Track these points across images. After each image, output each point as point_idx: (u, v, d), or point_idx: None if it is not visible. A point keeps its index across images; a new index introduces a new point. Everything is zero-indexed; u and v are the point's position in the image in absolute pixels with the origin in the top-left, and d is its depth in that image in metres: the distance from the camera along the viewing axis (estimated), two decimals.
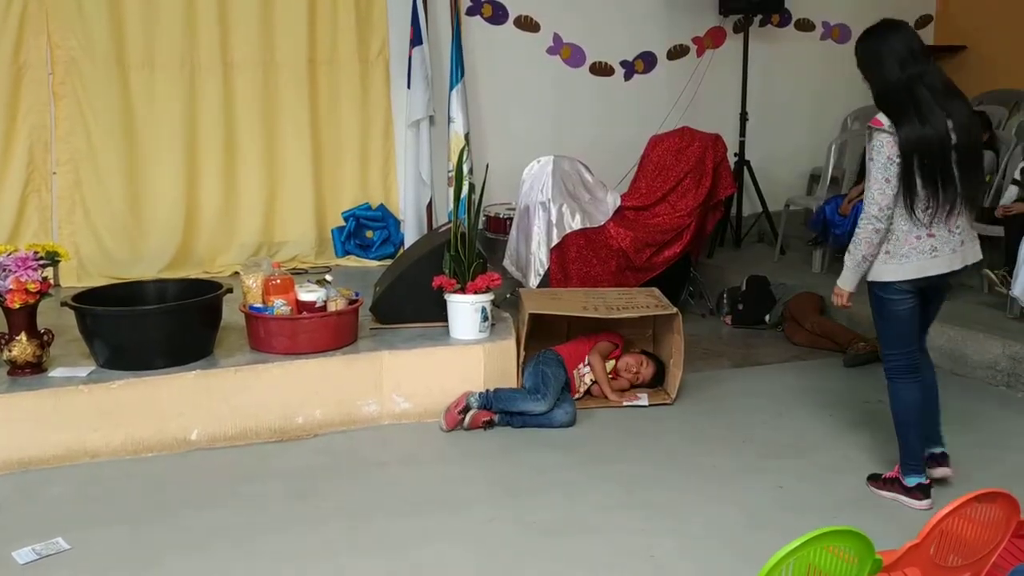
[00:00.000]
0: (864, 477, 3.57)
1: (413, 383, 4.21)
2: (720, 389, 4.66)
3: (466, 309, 4.31)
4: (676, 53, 7.34)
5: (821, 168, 6.96)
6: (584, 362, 4.45)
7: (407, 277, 4.52)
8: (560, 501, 3.46)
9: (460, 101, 6.28)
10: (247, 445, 3.96)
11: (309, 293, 4.18)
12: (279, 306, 4.12)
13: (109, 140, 5.73)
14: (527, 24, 6.87)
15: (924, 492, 3.35)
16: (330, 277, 4.40)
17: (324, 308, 4.16)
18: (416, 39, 6.23)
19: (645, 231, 5.56)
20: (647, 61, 7.28)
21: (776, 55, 7.53)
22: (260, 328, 4.13)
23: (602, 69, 7.15)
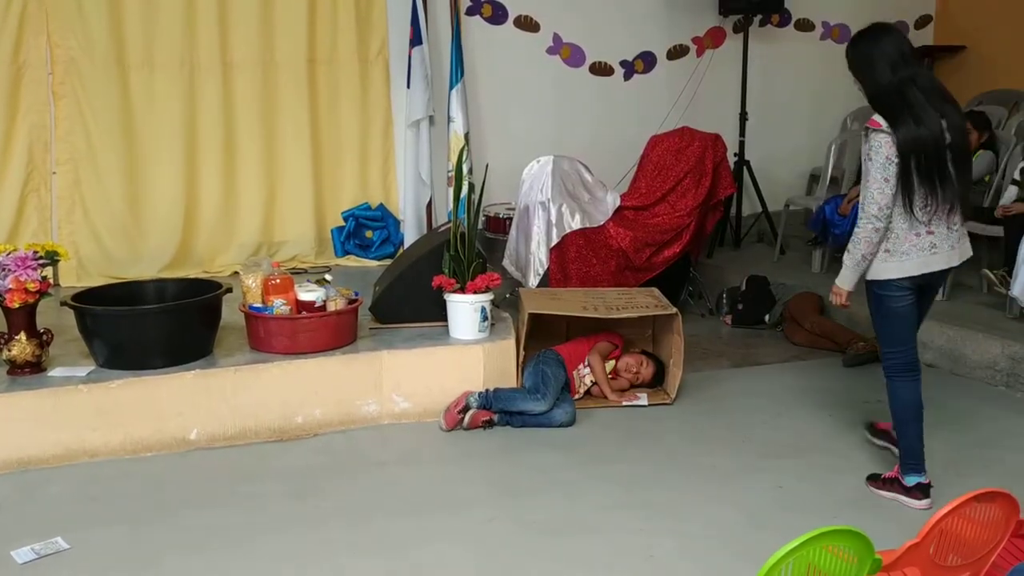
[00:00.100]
0: (864, 477, 3.57)
1: (413, 383, 4.21)
2: (720, 389, 4.65)
3: (466, 309, 4.31)
4: (676, 53, 7.35)
5: (821, 168, 6.96)
6: (584, 363, 4.44)
7: (407, 277, 4.52)
8: (560, 501, 3.46)
9: (460, 101, 6.28)
10: (246, 445, 3.96)
11: (309, 293, 4.18)
12: (279, 306, 4.12)
13: (109, 140, 5.74)
14: (527, 24, 6.87)
15: (924, 492, 3.36)
16: (330, 277, 4.40)
17: (323, 308, 4.16)
18: (416, 39, 6.23)
19: (645, 231, 5.55)
20: (647, 61, 7.28)
21: (776, 55, 7.54)
22: (260, 328, 4.13)
23: (602, 69, 7.15)
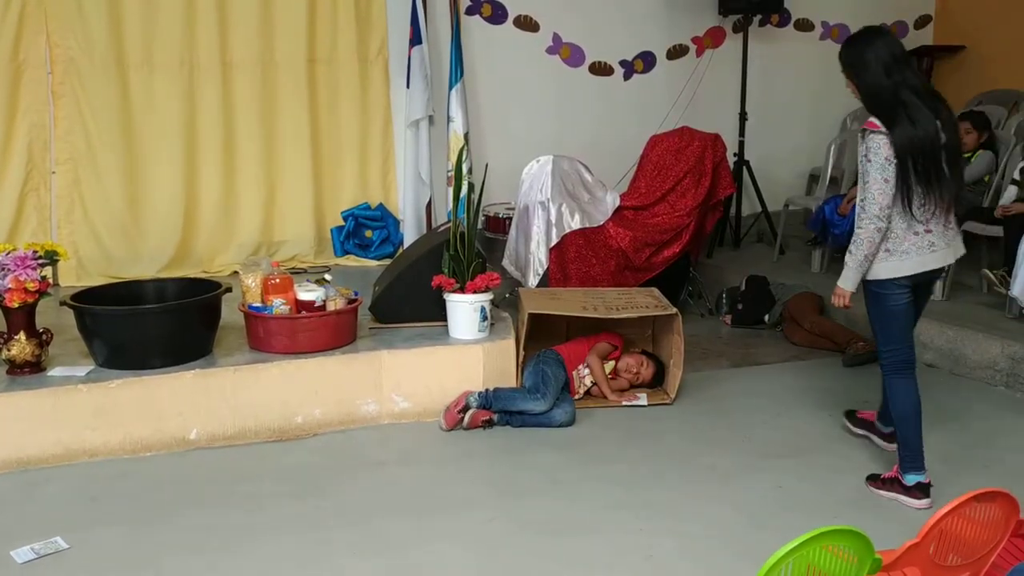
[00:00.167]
0: (863, 477, 3.57)
1: (412, 382, 4.21)
2: (719, 389, 4.65)
3: (465, 309, 4.31)
4: (675, 53, 7.35)
5: (820, 168, 6.97)
6: (584, 364, 4.44)
7: (406, 277, 4.52)
8: (560, 501, 3.45)
9: (459, 101, 6.28)
10: (246, 445, 3.96)
11: (308, 292, 4.18)
12: (278, 305, 4.12)
13: (108, 139, 5.73)
14: (526, 24, 6.87)
15: (923, 491, 3.36)
16: (329, 276, 4.40)
17: (323, 307, 4.16)
18: (415, 38, 6.23)
19: (644, 231, 5.55)
20: (646, 61, 7.28)
21: (775, 55, 7.54)
22: (259, 327, 4.13)
23: (601, 69, 7.15)
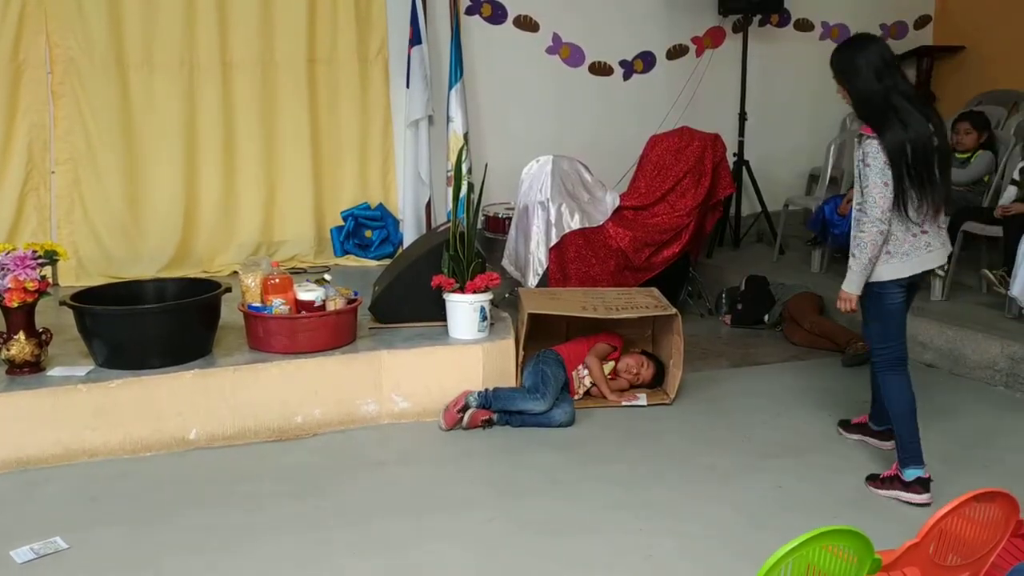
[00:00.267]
0: (863, 477, 3.58)
1: (412, 382, 4.21)
2: (719, 389, 4.65)
3: (465, 308, 4.30)
4: (675, 53, 7.35)
5: (820, 168, 6.97)
6: (583, 364, 4.44)
7: (406, 277, 4.52)
8: (560, 501, 3.45)
9: (459, 101, 6.27)
10: (246, 445, 3.96)
11: (308, 292, 4.18)
12: (278, 305, 4.12)
13: (108, 139, 5.73)
14: (526, 24, 6.87)
15: (924, 486, 3.37)
16: (329, 276, 4.40)
17: (323, 307, 4.15)
18: (415, 38, 6.23)
19: (644, 231, 5.55)
20: (646, 61, 7.28)
21: (775, 55, 7.54)
22: (259, 327, 4.13)
23: (601, 69, 7.15)
